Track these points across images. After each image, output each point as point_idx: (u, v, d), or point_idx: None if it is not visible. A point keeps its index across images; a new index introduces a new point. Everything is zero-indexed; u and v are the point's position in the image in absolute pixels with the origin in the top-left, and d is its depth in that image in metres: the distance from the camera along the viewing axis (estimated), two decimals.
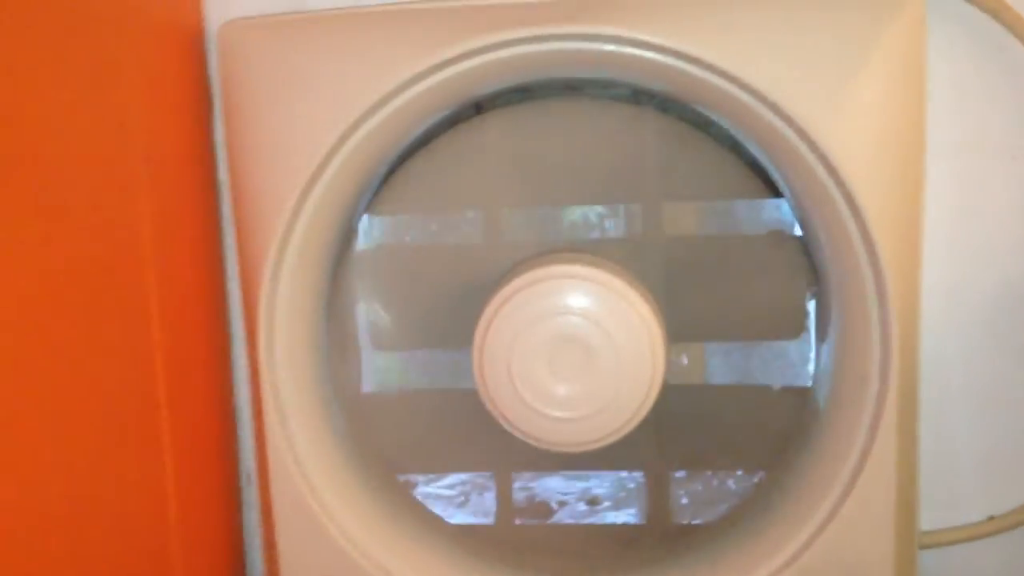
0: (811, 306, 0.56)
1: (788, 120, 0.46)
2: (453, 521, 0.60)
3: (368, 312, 0.59)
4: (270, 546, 0.54)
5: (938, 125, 0.51)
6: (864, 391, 0.48)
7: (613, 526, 0.59)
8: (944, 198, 0.54)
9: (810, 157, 0.47)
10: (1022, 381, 0.56)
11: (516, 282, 0.49)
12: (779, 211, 0.55)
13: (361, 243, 0.58)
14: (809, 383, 0.56)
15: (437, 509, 0.60)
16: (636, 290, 0.49)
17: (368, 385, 0.60)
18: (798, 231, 0.55)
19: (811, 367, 0.57)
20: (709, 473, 0.60)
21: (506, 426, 0.50)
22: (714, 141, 0.54)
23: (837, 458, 0.49)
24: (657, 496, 0.59)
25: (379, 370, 0.61)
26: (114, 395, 0.49)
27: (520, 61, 0.48)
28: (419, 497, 0.60)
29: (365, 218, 0.58)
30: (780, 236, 0.56)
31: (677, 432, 0.57)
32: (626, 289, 0.48)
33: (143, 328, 0.51)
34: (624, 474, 0.63)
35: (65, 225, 0.45)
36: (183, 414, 0.54)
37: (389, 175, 0.56)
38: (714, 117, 0.51)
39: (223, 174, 0.58)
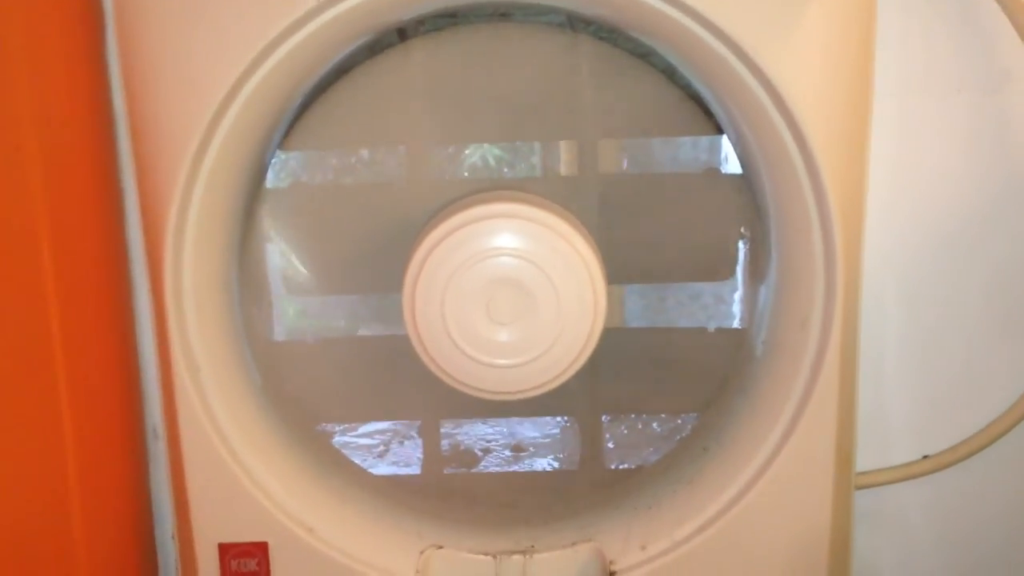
0: (741, 247, 0.55)
1: (734, 47, 0.45)
2: (376, 472, 0.58)
3: (282, 255, 0.56)
4: (181, 504, 0.52)
5: (882, 57, 0.50)
6: (806, 332, 0.48)
7: (544, 473, 0.58)
8: (887, 132, 0.53)
9: (756, 86, 0.45)
10: (957, 321, 0.56)
11: (447, 223, 0.46)
12: (715, 148, 0.54)
13: (274, 180, 0.55)
14: (740, 324, 0.55)
15: (357, 459, 0.58)
16: (574, 228, 0.47)
17: (282, 332, 0.58)
18: (734, 169, 0.53)
19: (738, 308, 0.56)
20: (638, 417, 0.59)
21: (441, 376, 0.48)
22: (653, 70, 0.53)
23: (777, 401, 0.49)
24: (588, 441, 0.58)
25: (294, 316, 0.58)
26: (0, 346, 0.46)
27: None
28: (339, 447, 0.58)
29: (278, 154, 0.55)
30: (715, 174, 0.54)
31: (608, 376, 0.56)
32: (564, 227, 0.47)
33: (33, 274, 0.48)
34: (551, 419, 0.62)
35: None
36: (80, 365, 0.51)
37: (305, 107, 0.53)
38: (653, 45, 0.49)
39: (119, 104, 0.54)
